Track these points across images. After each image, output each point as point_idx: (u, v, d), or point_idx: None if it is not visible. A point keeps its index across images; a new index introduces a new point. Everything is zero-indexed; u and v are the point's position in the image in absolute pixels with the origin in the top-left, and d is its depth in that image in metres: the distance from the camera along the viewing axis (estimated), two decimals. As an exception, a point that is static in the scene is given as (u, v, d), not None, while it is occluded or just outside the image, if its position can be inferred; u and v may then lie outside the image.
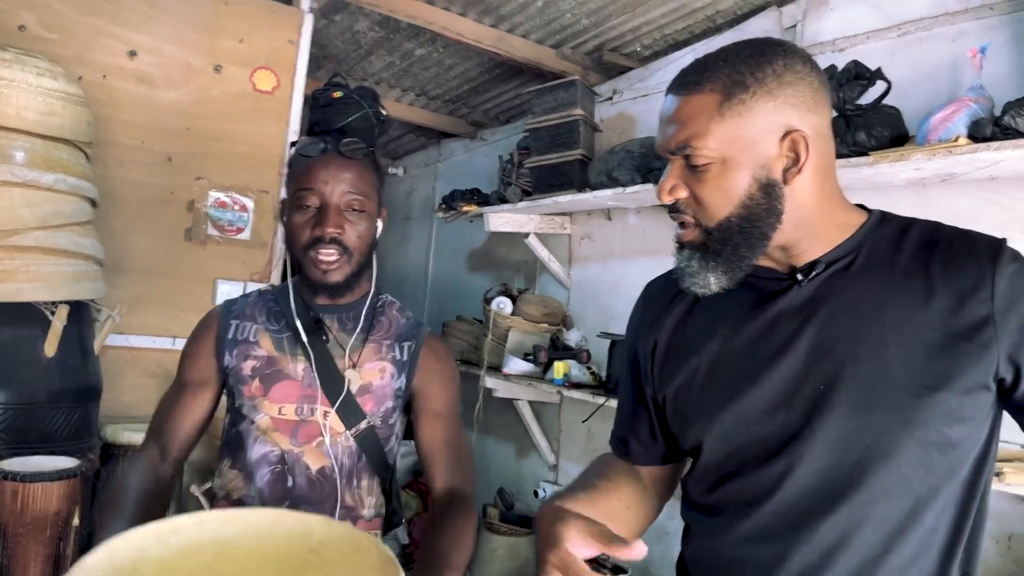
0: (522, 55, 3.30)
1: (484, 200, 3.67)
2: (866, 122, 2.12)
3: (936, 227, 1.02)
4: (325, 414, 1.39)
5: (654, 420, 1.19)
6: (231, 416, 1.46)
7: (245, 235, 2.90)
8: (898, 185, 2.24)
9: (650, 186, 2.72)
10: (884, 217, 1.05)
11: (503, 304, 3.55)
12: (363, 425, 1.41)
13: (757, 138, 0.96)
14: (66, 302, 2.25)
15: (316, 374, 1.40)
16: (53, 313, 2.23)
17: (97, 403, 2.40)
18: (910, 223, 1.04)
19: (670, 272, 1.18)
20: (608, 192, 2.93)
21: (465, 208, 3.67)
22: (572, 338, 3.40)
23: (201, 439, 1.49)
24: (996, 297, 0.92)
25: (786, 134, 0.96)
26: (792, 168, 0.97)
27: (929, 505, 0.95)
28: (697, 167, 0.98)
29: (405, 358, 1.46)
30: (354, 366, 1.42)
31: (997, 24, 2.17)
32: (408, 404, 1.48)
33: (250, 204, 2.90)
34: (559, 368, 3.16)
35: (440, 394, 1.48)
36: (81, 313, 2.34)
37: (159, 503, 1.32)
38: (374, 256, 1.47)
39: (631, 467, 1.23)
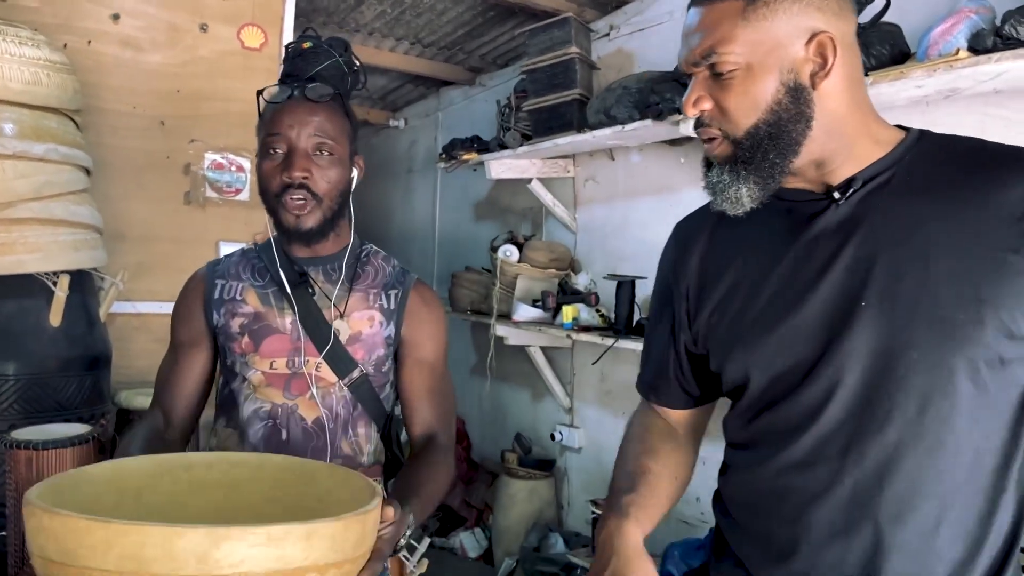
0: (514, -6, 3.22)
1: (484, 147, 3.63)
2: (865, 41, 2.05)
3: (981, 142, 0.99)
4: (317, 366, 1.39)
5: (685, 363, 1.18)
6: (224, 376, 1.47)
7: (244, 196, 2.88)
8: (901, 105, 2.18)
9: (649, 122, 2.67)
10: (924, 134, 1.01)
11: (509, 252, 3.53)
12: (356, 374, 1.41)
13: (783, 41, 0.94)
14: (67, 272, 2.26)
15: (303, 326, 1.40)
16: (55, 283, 2.24)
17: (107, 370, 2.42)
18: (953, 138, 1.01)
19: (699, 210, 1.18)
20: (608, 131, 2.88)
21: (465, 156, 3.63)
22: (580, 282, 3.38)
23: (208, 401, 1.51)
24: None
25: (812, 36, 0.94)
26: (820, 72, 0.95)
27: (980, 423, 0.93)
28: (722, 75, 0.96)
29: (393, 306, 1.46)
30: (341, 316, 1.42)
31: (1000, -71, 2.08)
32: (396, 351, 1.48)
33: (247, 164, 2.88)
34: (568, 312, 3.16)
35: (427, 341, 1.48)
36: (83, 282, 2.35)
37: None
38: (350, 205, 1.45)
39: (666, 428, 1.22)
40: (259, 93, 1.42)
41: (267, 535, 0.75)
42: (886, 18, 2.08)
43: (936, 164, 0.97)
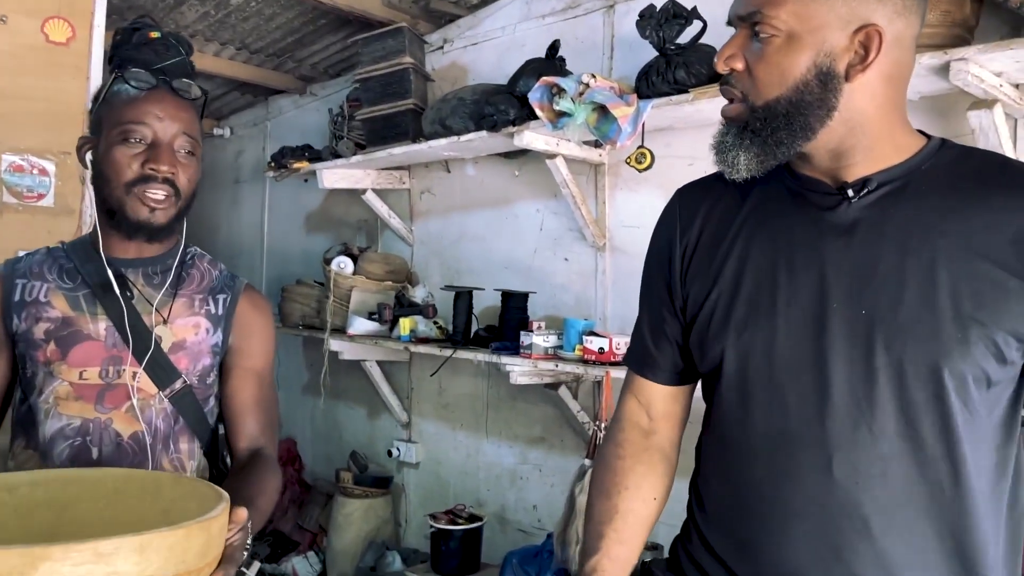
0: (346, 3, 3.15)
1: (316, 156, 3.53)
2: (685, 60, 2.18)
3: (1003, 159, 0.99)
4: (134, 375, 1.28)
5: (678, 334, 1.13)
6: (22, 390, 1.32)
7: (48, 201, 2.63)
8: (719, 121, 2.32)
9: (484, 134, 2.69)
10: (944, 143, 0.99)
11: (344, 264, 3.45)
12: (178, 385, 1.31)
13: (832, 23, 0.91)
14: None
15: (120, 332, 1.28)
16: None
17: None
18: (972, 150, 1.00)
19: (706, 177, 1.14)
20: (443, 141, 2.88)
21: (296, 165, 3.52)
22: (418, 294, 3.35)
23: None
24: None
25: (861, 28, 0.91)
26: (857, 65, 0.92)
27: (968, 439, 0.91)
28: (761, 38, 0.93)
29: (220, 312, 1.38)
30: (164, 322, 1.32)
31: (800, -36, 2.27)
32: (223, 360, 1.40)
33: (51, 168, 2.63)
34: (405, 324, 3.12)
35: (257, 349, 1.41)
36: None
37: None
38: None
39: (641, 438, 1.18)
40: (117, 71, 1.31)
41: (93, 551, 0.67)
42: (703, 40, 2.21)
43: (954, 176, 0.95)
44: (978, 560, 0.93)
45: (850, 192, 0.97)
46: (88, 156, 1.32)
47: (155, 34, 1.35)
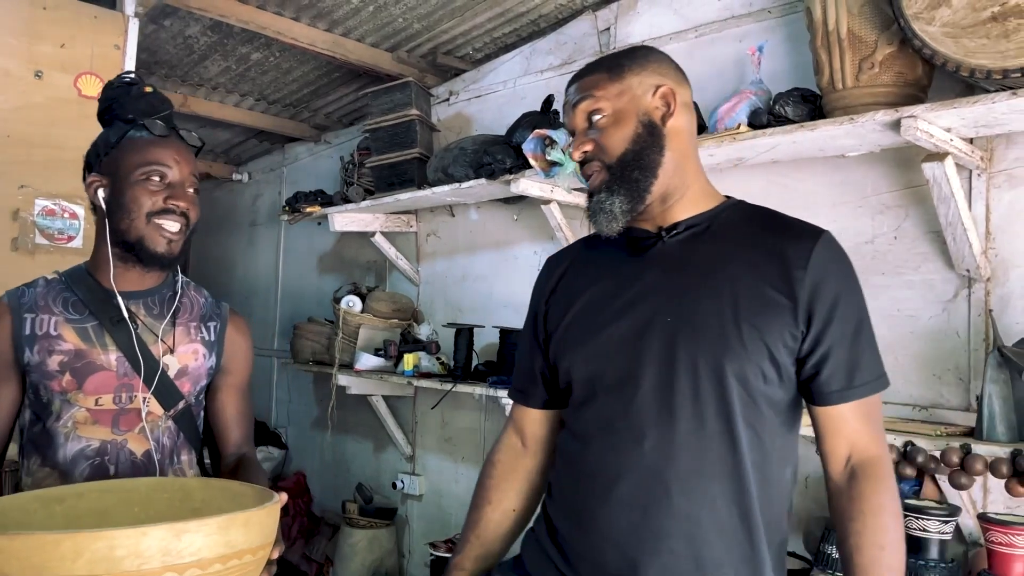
0: (358, 58, 3.37)
1: (329, 201, 3.72)
2: (666, 114, 2.35)
3: (776, 213, 1.32)
4: (145, 400, 1.43)
5: (545, 368, 1.41)
6: (33, 412, 1.43)
7: (77, 243, 2.82)
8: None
9: (483, 181, 2.87)
10: (740, 202, 1.34)
11: (352, 302, 3.61)
12: (181, 406, 1.47)
13: (637, 93, 1.26)
14: None
15: (131, 362, 1.42)
16: None
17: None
18: (757, 207, 1.34)
19: (568, 246, 1.52)
20: (446, 188, 3.06)
21: (309, 209, 3.71)
22: (422, 332, 3.51)
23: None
24: (809, 269, 1.20)
25: (657, 88, 1.26)
26: (666, 113, 1.26)
27: (752, 425, 1.19)
28: (597, 122, 1.26)
29: (213, 338, 1.54)
30: (171, 351, 1.47)
31: (774, 26, 2.45)
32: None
33: (80, 212, 2.83)
34: (409, 360, 3.27)
35: (241, 367, 1.60)
36: None
37: None
38: None
39: (512, 458, 1.46)
40: (123, 120, 1.44)
41: (217, 524, 0.88)
42: (685, 96, 2.39)
43: (743, 223, 1.29)
44: (759, 519, 1.18)
45: (664, 234, 1.29)
46: (101, 193, 1.42)
47: (149, 88, 1.50)
